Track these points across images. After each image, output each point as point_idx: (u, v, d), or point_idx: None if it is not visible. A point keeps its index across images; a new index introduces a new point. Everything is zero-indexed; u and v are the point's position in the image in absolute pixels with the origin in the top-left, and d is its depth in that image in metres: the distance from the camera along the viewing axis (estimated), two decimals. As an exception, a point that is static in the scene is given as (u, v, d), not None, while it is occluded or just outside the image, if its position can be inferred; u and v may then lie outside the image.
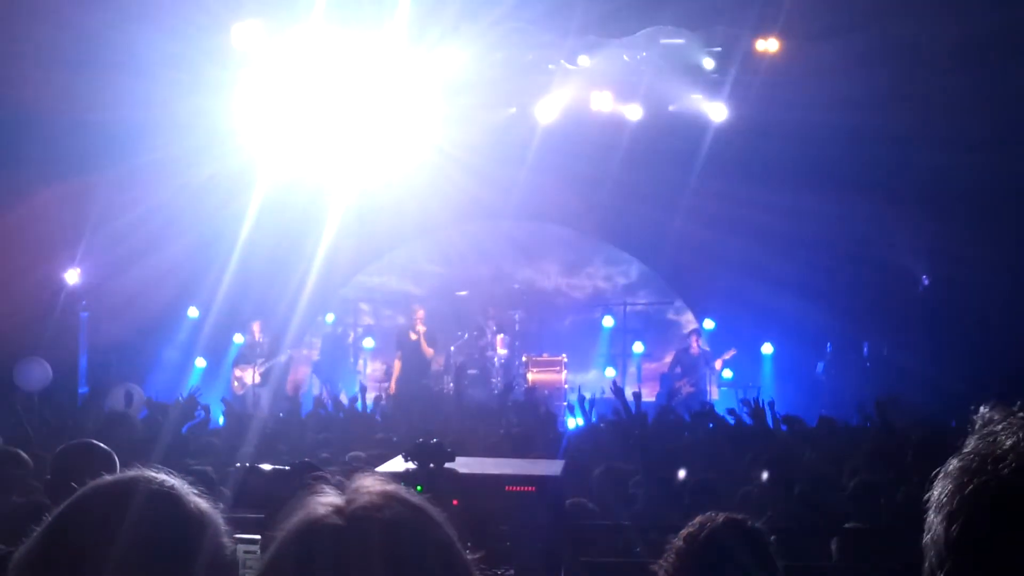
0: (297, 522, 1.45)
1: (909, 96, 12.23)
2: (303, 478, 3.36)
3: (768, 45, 13.50)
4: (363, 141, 14.95)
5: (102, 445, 4.65)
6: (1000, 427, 1.26)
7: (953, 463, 1.27)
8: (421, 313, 15.67)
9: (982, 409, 1.32)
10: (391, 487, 1.50)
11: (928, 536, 1.27)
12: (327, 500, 1.46)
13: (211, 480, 5.35)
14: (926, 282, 14.89)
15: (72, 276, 14.35)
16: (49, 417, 9.19)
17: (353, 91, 14.38)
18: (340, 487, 1.51)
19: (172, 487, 1.83)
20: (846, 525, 5.64)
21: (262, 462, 6.23)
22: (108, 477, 1.89)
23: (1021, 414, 1.28)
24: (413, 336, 15.37)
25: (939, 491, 1.27)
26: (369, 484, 1.50)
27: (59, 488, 3.02)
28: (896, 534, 5.10)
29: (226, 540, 1.84)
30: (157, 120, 13.00)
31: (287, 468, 3.42)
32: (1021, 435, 1.23)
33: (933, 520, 1.27)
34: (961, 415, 1.40)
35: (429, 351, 15.44)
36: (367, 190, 15.08)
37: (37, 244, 13.18)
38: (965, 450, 1.27)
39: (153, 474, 1.88)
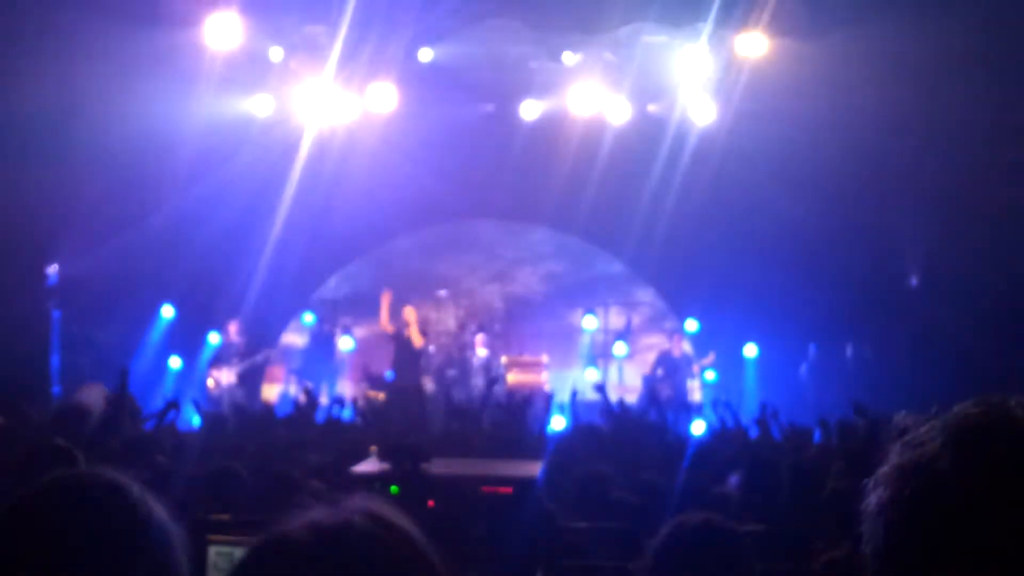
0: (267, 535, 1.37)
1: (897, 95, 12.15)
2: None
3: (753, 43, 13.42)
4: (339, 138, 14.82)
5: (63, 443, 4.51)
6: (923, 430, 1.29)
7: (885, 470, 1.29)
8: (411, 310, 15.50)
9: (896, 417, 1.36)
10: (381, 509, 1.39)
11: (869, 545, 1.29)
12: (305, 516, 1.37)
13: (169, 480, 5.22)
14: (914, 283, 14.84)
15: (49, 273, 14.17)
16: None
17: (330, 85, 14.27)
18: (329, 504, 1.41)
19: (115, 487, 1.72)
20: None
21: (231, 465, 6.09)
22: (47, 478, 1.78)
23: (938, 418, 1.31)
24: (406, 334, 15.13)
25: (875, 498, 1.29)
26: (357, 503, 1.39)
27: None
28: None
29: (174, 542, 1.72)
30: (138, 119, 12.85)
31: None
32: (947, 435, 1.26)
33: (871, 527, 1.29)
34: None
35: (419, 340, 15.11)
36: (344, 187, 14.95)
37: (14, 239, 12.98)
38: (893, 458, 1.30)
39: (98, 473, 1.77)
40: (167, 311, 15.45)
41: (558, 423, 10.58)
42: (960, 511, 1.20)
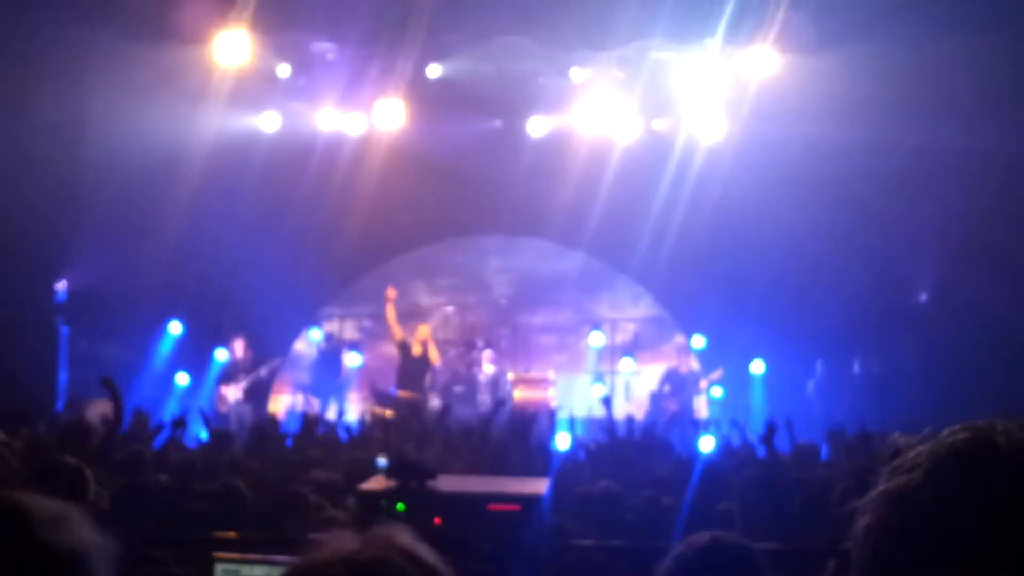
0: (298, 565, 1.38)
1: (906, 112, 12.12)
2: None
3: (761, 60, 13.42)
4: (347, 154, 14.85)
5: (72, 461, 4.50)
6: (911, 455, 1.30)
7: (873, 495, 1.31)
8: (426, 328, 15.46)
9: (889, 437, 1.36)
10: (407, 543, 1.39)
11: (857, 571, 1.30)
12: (335, 547, 1.37)
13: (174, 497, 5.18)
14: (922, 299, 14.78)
15: (57, 288, 14.18)
16: None
17: (338, 101, 14.31)
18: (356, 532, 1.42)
19: (9, 511, 1.68)
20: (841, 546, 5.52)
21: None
22: None
23: (927, 442, 1.32)
24: (417, 350, 15.03)
25: (863, 523, 1.30)
26: (384, 536, 1.40)
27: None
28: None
29: (91, 567, 1.67)
30: (147, 136, 12.88)
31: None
32: (931, 463, 1.27)
33: (859, 552, 1.30)
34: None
35: (436, 357, 15.03)
36: (351, 204, 14.97)
37: (23, 255, 13.00)
38: (882, 482, 1.31)
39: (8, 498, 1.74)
40: (175, 327, 15.45)
41: (564, 440, 10.55)
42: (941, 542, 1.22)
